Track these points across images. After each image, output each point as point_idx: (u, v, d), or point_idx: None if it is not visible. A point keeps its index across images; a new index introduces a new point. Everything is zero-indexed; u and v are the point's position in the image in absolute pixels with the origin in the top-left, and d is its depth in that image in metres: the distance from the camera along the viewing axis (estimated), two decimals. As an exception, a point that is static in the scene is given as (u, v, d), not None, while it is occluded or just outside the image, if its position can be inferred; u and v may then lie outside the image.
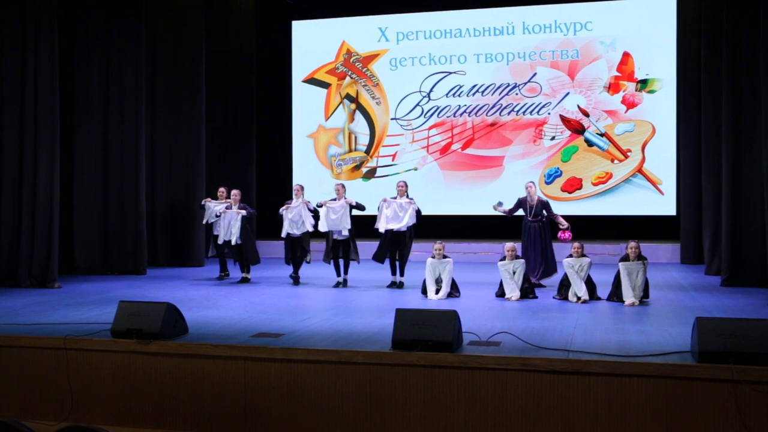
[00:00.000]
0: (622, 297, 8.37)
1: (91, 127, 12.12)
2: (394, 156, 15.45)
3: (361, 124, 15.63)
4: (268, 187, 15.66)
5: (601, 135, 14.38)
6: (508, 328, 6.81)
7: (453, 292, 9.08)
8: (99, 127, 12.14)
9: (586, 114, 14.45)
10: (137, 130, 12.11)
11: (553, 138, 14.63)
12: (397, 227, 9.86)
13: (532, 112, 14.70)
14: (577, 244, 8.72)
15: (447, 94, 15.16)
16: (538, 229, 9.97)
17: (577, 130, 14.50)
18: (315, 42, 15.85)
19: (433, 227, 12.87)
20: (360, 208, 10.11)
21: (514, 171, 14.62)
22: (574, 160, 14.53)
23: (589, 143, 14.45)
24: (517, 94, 14.78)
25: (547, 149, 14.65)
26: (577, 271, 8.61)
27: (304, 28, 15.96)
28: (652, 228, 14.00)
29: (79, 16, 12.11)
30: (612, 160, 14.36)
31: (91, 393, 6.44)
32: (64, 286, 10.31)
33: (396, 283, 10.08)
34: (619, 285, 8.46)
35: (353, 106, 15.66)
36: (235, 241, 10.63)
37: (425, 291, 9.13)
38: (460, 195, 15.02)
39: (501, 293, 8.98)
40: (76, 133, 12.10)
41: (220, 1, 14.98)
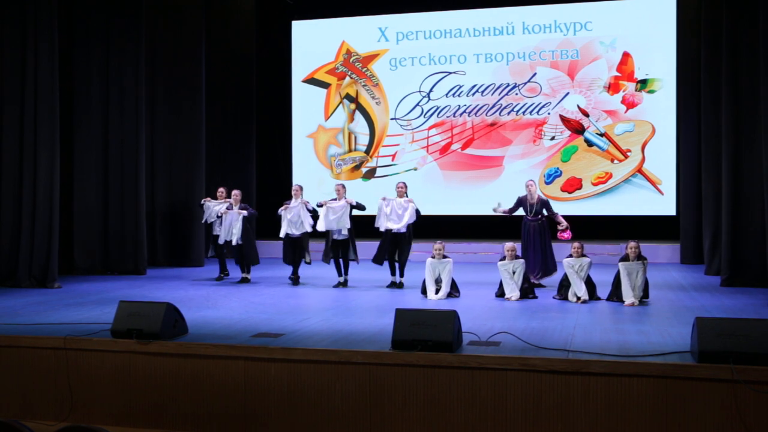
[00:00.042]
0: (622, 297, 8.37)
1: (91, 127, 12.12)
2: (394, 156, 15.45)
3: (360, 124, 15.63)
4: (268, 187, 15.66)
5: (601, 135, 14.38)
6: (507, 328, 6.81)
7: (453, 292, 9.08)
8: (99, 127, 12.14)
9: (586, 114, 14.45)
10: (137, 130, 12.11)
11: (552, 138, 14.63)
12: (397, 228, 9.86)
13: (531, 112, 14.70)
14: (577, 244, 8.72)
15: (447, 94, 15.17)
16: (537, 228, 9.97)
17: (577, 130, 14.50)
18: (315, 42, 15.85)
19: (432, 227, 12.88)
20: (360, 208, 10.11)
21: (513, 171, 14.62)
22: (573, 160, 14.53)
23: (589, 143, 14.46)
24: (516, 94, 14.78)
25: (547, 149, 14.65)
26: (577, 271, 8.61)
27: (304, 28, 15.97)
28: (651, 228, 14.00)
29: (79, 16, 12.11)
30: (612, 160, 14.36)
31: (90, 393, 6.44)
32: (64, 286, 10.31)
33: (396, 283, 10.09)
34: (618, 285, 8.47)
35: (353, 106, 15.66)
36: (236, 242, 10.63)
37: (425, 291, 9.12)
38: (459, 195, 15.02)
39: (501, 293, 8.98)
40: (76, 133, 12.10)
41: (220, 1, 14.98)
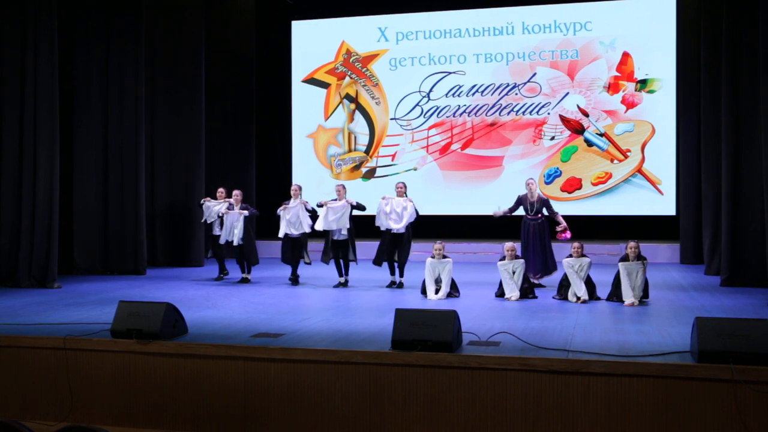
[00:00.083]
0: (622, 297, 8.37)
1: (91, 127, 12.12)
2: (394, 156, 15.45)
3: (360, 124, 15.63)
4: (268, 187, 15.66)
5: (601, 135, 14.38)
6: (507, 328, 6.81)
7: (452, 292, 9.08)
8: (99, 127, 12.14)
9: (586, 114, 14.45)
10: (137, 130, 12.11)
11: (552, 138, 14.64)
12: (396, 228, 9.86)
13: (531, 112, 14.70)
14: (576, 244, 8.72)
15: (446, 94, 15.17)
16: (537, 227, 9.96)
17: (577, 130, 14.50)
18: (315, 42, 15.86)
19: (432, 227, 12.88)
20: (360, 208, 10.11)
21: (513, 171, 14.62)
22: (573, 160, 14.54)
23: (589, 143, 14.46)
24: (516, 94, 14.79)
25: (547, 149, 14.65)
26: (576, 271, 8.61)
27: (303, 28, 15.97)
28: (651, 228, 14.01)
29: (79, 16, 12.11)
30: (611, 160, 14.36)
31: (90, 393, 6.44)
32: (64, 286, 10.30)
33: (395, 282, 10.09)
34: (618, 285, 8.47)
35: (353, 106, 15.66)
36: (238, 242, 10.63)
37: (425, 291, 9.12)
38: (459, 195, 15.03)
39: (501, 293, 8.98)
40: (76, 133, 12.10)
41: (220, 1, 14.98)
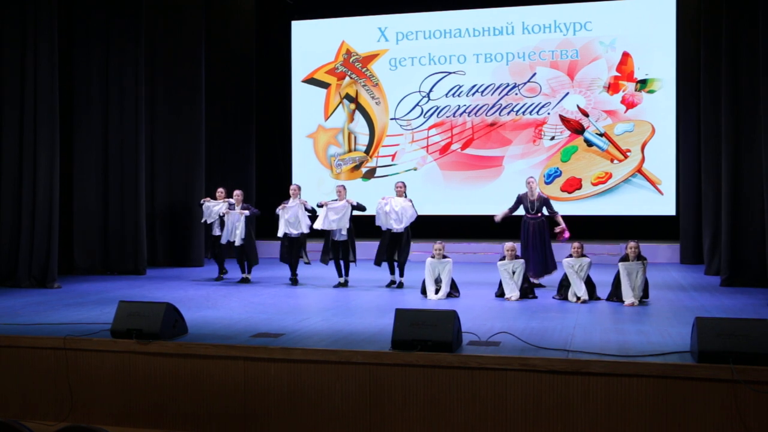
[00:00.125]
0: (622, 297, 8.37)
1: (91, 127, 12.12)
2: (394, 156, 15.45)
3: (360, 124, 15.63)
4: (268, 187, 15.65)
5: (601, 135, 14.38)
6: (507, 328, 6.81)
7: (452, 292, 9.07)
8: (99, 127, 12.14)
9: (586, 114, 14.45)
10: (137, 130, 12.11)
11: (552, 138, 14.63)
12: (397, 228, 9.86)
13: (531, 112, 14.70)
14: (576, 244, 8.72)
15: (446, 94, 15.17)
16: (537, 226, 9.95)
17: (577, 130, 14.50)
18: (315, 42, 15.86)
19: (432, 227, 12.88)
20: (360, 208, 10.10)
21: (513, 171, 14.62)
22: (573, 160, 14.54)
23: (589, 143, 14.46)
24: (516, 94, 14.79)
25: (547, 149, 14.65)
26: (576, 271, 8.61)
27: (303, 28, 15.97)
28: (651, 228, 14.00)
29: (79, 16, 12.11)
30: (611, 160, 14.36)
31: (90, 393, 6.44)
32: (64, 286, 10.30)
33: (395, 282, 10.09)
34: (618, 285, 8.47)
35: (353, 106, 15.66)
36: (239, 242, 10.63)
37: (425, 291, 9.12)
38: (459, 195, 15.03)
39: (500, 293, 8.98)
40: (76, 133, 12.10)
41: (220, 1, 14.98)
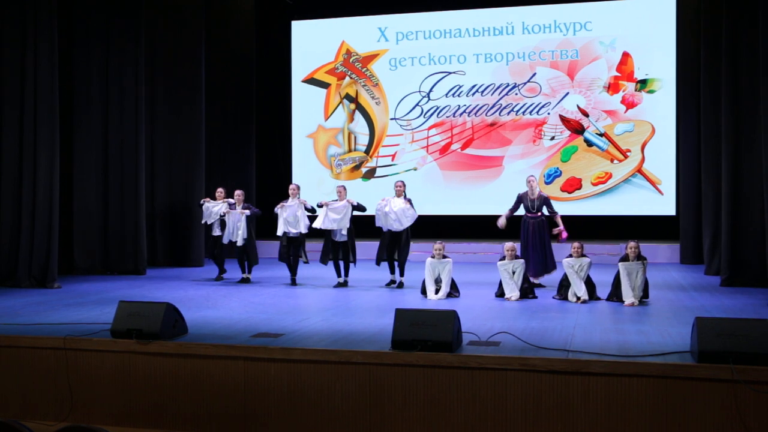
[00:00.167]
0: (622, 297, 8.37)
1: (91, 127, 12.12)
2: (394, 156, 15.45)
3: (360, 124, 15.63)
4: (268, 187, 15.65)
5: (601, 135, 14.38)
6: (507, 328, 6.81)
7: (452, 292, 9.07)
8: (99, 127, 12.14)
9: (586, 114, 14.45)
10: (137, 130, 12.11)
11: (552, 138, 14.63)
12: (396, 228, 9.85)
13: (531, 112, 14.70)
14: (576, 244, 8.72)
15: (446, 94, 15.17)
16: (537, 225, 9.94)
17: (577, 130, 14.50)
18: (315, 42, 15.85)
19: (432, 227, 12.88)
20: (360, 209, 10.10)
21: (513, 171, 14.62)
22: (573, 160, 14.54)
23: (589, 143, 14.46)
24: (516, 94, 14.78)
25: (547, 149, 14.65)
26: (576, 271, 8.61)
27: (303, 28, 15.97)
28: (651, 228, 14.00)
29: (79, 16, 12.11)
30: (611, 160, 14.36)
31: (90, 393, 6.44)
32: (64, 286, 10.30)
33: (395, 281, 10.09)
34: (618, 285, 8.47)
35: (353, 106, 15.66)
36: (241, 242, 10.62)
37: (425, 291, 9.12)
38: (459, 195, 15.03)
39: (500, 293, 8.98)
40: (76, 133, 12.10)
41: (220, 1, 14.98)
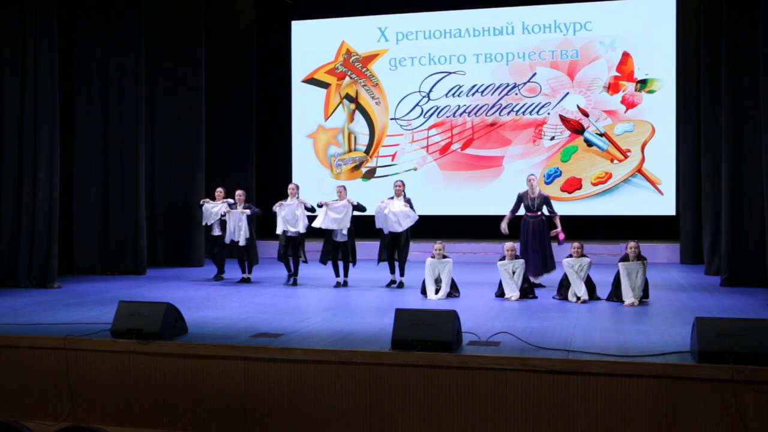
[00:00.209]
0: (622, 297, 8.37)
1: (91, 127, 12.12)
2: (394, 156, 15.45)
3: (360, 124, 15.63)
4: (268, 187, 15.64)
5: (601, 135, 14.38)
6: (507, 328, 6.81)
7: (452, 292, 9.08)
8: (99, 127, 12.14)
9: (586, 114, 14.45)
10: (137, 130, 12.11)
11: (552, 138, 14.63)
12: (397, 230, 9.85)
13: (531, 112, 14.70)
14: (576, 244, 8.72)
15: (446, 94, 15.16)
16: (537, 225, 9.94)
17: (577, 130, 14.50)
18: (315, 42, 15.85)
19: (432, 227, 12.88)
20: (360, 209, 10.10)
21: (513, 171, 14.62)
22: (573, 160, 14.54)
23: (589, 143, 14.46)
24: (516, 94, 14.78)
25: (547, 149, 14.65)
26: (576, 271, 8.61)
27: (303, 28, 15.97)
28: (651, 228, 14.00)
29: (79, 16, 12.11)
30: (611, 160, 14.36)
31: (90, 393, 6.44)
32: (64, 286, 10.31)
33: (395, 281, 10.09)
34: (618, 285, 8.47)
35: (353, 106, 15.66)
36: (244, 242, 10.62)
37: (425, 291, 9.12)
38: (459, 195, 15.02)
39: (500, 293, 8.98)
40: (76, 132, 12.10)
41: (220, 1, 14.98)
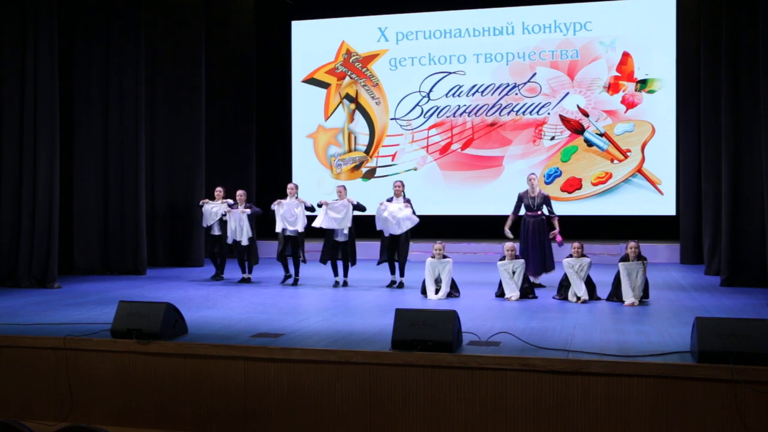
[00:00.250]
0: (622, 297, 8.37)
1: (91, 127, 12.12)
2: (394, 156, 15.45)
3: (360, 124, 15.63)
4: (268, 187, 15.62)
5: (601, 135, 14.38)
6: (507, 328, 6.81)
7: (452, 292, 9.08)
8: (99, 127, 12.15)
9: (586, 114, 14.45)
10: (137, 130, 12.11)
11: (552, 138, 14.63)
12: (396, 233, 9.85)
13: (531, 112, 14.70)
14: (576, 244, 8.72)
15: (447, 94, 15.16)
16: (537, 224, 9.93)
17: (577, 130, 14.50)
18: (315, 42, 15.85)
19: (432, 227, 12.86)
20: (360, 209, 10.10)
21: (513, 171, 14.62)
22: (573, 160, 14.53)
23: (589, 143, 14.46)
24: (516, 94, 14.78)
25: (547, 149, 14.65)
26: (576, 271, 8.61)
27: (303, 28, 15.97)
28: (651, 228, 14.00)
29: (79, 16, 12.11)
30: (612, 160, 14.36)
31: (90, 393, 6.44)
32: (64, 286, 10.31)
33: (395, 282, 10.09)
34: (618, 285, 8.47)
35: (353, 106, 15.66)
36: (246, 241, 10.62)
37: (425, 291, 9.12)
38: (459, 195, 15.02)
39: (501, 293, 8.98)
40: (76, 133, 12.10)
41: (220, 1, 14.98)
